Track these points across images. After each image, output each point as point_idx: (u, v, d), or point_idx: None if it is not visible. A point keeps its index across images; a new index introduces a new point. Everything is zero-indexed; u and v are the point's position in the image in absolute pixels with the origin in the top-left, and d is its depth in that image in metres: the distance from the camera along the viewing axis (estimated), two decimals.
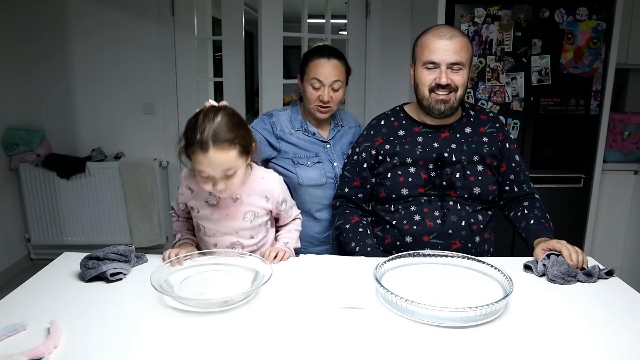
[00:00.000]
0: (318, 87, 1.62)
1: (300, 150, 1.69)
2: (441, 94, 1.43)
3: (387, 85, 3.20)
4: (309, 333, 0.98)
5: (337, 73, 1.62)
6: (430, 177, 1.48)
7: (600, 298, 1.15)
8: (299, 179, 1.68)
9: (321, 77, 1.61)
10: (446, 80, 1.41)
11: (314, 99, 1.63)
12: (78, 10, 3.06)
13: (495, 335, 0.97)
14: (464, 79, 1.44)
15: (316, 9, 3.15)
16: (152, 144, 3.23)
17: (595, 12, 2.56)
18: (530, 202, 1.55)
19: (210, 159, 1.17)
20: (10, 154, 3.06)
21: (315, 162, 1.70)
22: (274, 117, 1.71)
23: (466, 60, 1.43)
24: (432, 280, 1.22)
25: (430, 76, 1.44)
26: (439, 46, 1.41)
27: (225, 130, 1.18)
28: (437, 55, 1.41)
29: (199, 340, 0.95)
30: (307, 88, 1.64)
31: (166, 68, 3.13)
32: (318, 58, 1.63)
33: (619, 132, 2.85)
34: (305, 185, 1.68)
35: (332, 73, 1.61)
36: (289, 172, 1.68)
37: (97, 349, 0.92)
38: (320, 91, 1.62)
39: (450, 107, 1.45)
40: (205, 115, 1.21)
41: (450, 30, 1.43)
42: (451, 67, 1.42)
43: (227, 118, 1.21)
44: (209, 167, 1.19)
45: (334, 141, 1.74)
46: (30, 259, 3.30)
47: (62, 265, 1.31)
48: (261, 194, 1.38)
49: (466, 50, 1.43)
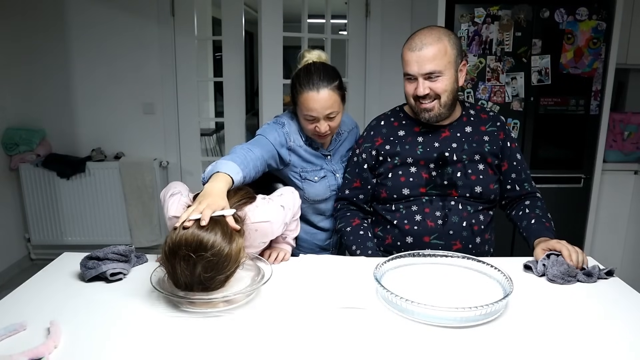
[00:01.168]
0: (312, 120, 1.50)
1: (307, 164, 1.62)
2: (424, 103, 1.44)
3: (387, 85, 3.20)
4: (309, 333, 0.98)
5: (330, 104, 1.47)
6: (431, 177, 1.48)
7: (600, 298, 1.15)
8: (305, 194, 1.61)
9: (314, 112, 1.48)
10: (423, 91, 1.40)
11: (310, 129, 1.54)
12: (78, 11, 3.06)
13: (495, 335, 0.97)
14: (445, 85, 1.41)
15: (316, 9, 3.15)
16: (152, 144, 3.23)
17: (595, 12, 2.57)
18: (532, 201, 1.55)
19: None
20: (10, 154, 3.06)
21: (321, 177, 1.63)
22: (286, 127, 1.58)
23: (444, 66, 1.39)
24: (432, 280, 1.22)
25: (410, 87, 1.45)
26: (411, 58, 1.40)
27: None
28: (411, 67, 1.41)
29: (199, 340, 0.95)
30: (301, 119, 1.55)
31: (166, 68, 3.13)
32: (308, 91, 1.47)
33: (619, 132, 2.85)
34: (311, 200, 1.63)
35: (324, 106, 1.47)
36: (297, 190, 1.58)
37: (97, 349, 0.92)
38: (315, 123, 1.50)
39: (436, 114, 1.45)
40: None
41: (422, 39, 1.39)
42: (428, 77, 1.40)
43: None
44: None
45: (333, 151, 1.68)
46: (30, 259, 3.30)
47: (62, 265, 1.31)
48: (259, 242, 1.29)
49: (442, 55, 1.38)
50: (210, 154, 4.51)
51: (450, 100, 1.45)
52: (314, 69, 1.49)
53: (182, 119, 3.20)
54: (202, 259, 0.99)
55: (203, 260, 0.99)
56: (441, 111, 1.45)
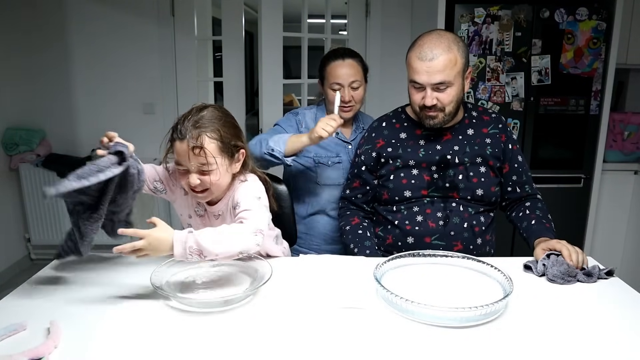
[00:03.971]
0: (338, 89, 1.65)
1: (322, 149, 1.71)
2: (429, 112, 1.43)
3: (387, 85, 3.20)
4: (309, 333, 0.98)
5: (354, 72, 1.67)
6: (433, 179, 1.48)
7: (600, 298, 1.15)
8: (318, 178, 1.71)
9: (339, 79, 1.65)
10: (431, 102, 1.40)
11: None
12: (78, 11, 3.06)
13: (495, 335, 0.97)
14: (452, 96, 1.41)
15: (316, 9, 3.15)
16: (152, 144, 3.20)
17: (595, 12, 2.56)
18: (532, 202, 1.55)
19: (185, 148, 1.16)
20: (10, 154, 3.06)
21: (335, 162, 1.72)
22: (300, 115, 1.75)
23: (453, 77, 1.38)
24: (432, 280, 1.22)
25: (417, 95, 1.43)
26: (421, 68, 1.37)
27: (209, 121, 1.20)
28: (420, 77, 1.39)
29: (199, 340, 0.95)
30: (328, 92, 1.69)
31: (166, 68, 3.13)
32: (334, 60, 1.68)
33: (619, 132, 2.85)
34: (323, 184, 1.70)
35: (348, 73, 1.66)
36: (309, 171, 1.70)
37: (97, 349, 0.92)
38: (340, 92, 1.65)
39: (440, 122, 1.45)
40: (193, 108, 1.23)
41: (432, 49, 1.36)
42: (436, 88, 1.39)
43: (216, 112, 1.22)
44: (183, 157, 1.18)
45: (355, 142, 1.75)
46: (30, 259, 3.30)
47: (62, 265, 1.31)
48: (231, 205, 1.29)
49: (452, 66, 1.37)
50: None
51: (455, 109, 1.45)
52: (339, 47, 1.78)
53: None
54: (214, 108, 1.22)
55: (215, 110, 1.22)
56: (445, 119, 1.45)
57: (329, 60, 1.70)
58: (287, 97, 5.51)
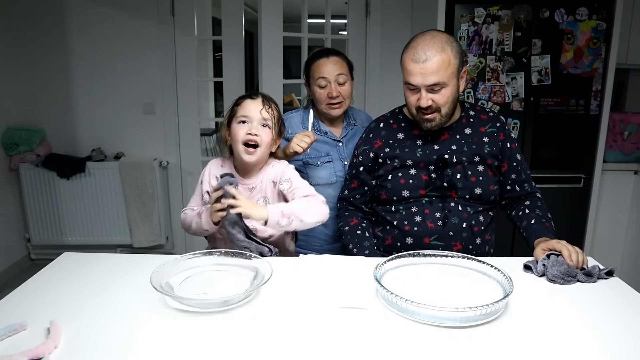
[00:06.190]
0: (324, 85, 1.67)
1: (311, 150, 1.70)
2: (425, 114, 1.43)
3: (387, 85, 3.20)
4: (309, 333, 0.98)
5: (339, 67, 1.69)
6: (431, 179, 1.48)
7: (600, 298, 1.15)
8: (309, 178, 1.71)
9: (324, 74, 1.67)
10: (426, 103, 1.39)
11: (323, 97, 1.68)
12: (78, 10, 3.06)
13: (495, 335, 0.97)
14: (447, 97, 1.40)
15: (316, 9, 3.15)
16: (152, 144, 3.23)
17: (595, 12, 2.57)
18: (532, 201, 1.54)
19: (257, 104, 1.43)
20: (10, 154, 3.06)
21: (325, 162, 1.73)
22: (287, 120, 1.76)
23: (447, 77, 1.37)
24: (432, 280, 1.22)
25: (412, 97, 1.43)
26: (414, 70, 1.37)
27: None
28: (414, 78, 1.38)
29: (199, 340, 0.95)
30: (315, 90, 1.70)
31: (166, 68, 3.13)
32: (318, 59, 1.71)
33: (619, 132, 2.85)
34: (315, 184, 1.69)
35: (333, 68, 1.68)
36: (300, 173, 1.69)
37: (97, 349, 0.92)
38: (327, 88, 1.67)
39: (437, 124, 1.45)
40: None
41: (426, 51, 1.35)
42: (431, 89, 1.39)
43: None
44: (253, 111, 1.43)
45: (346, 139, 1.76)
46: (30, 259, 3.30)
47: (62, 265, 1.31)
48: (271, 180, 1.47)
49: (446, 67, 1.36)
50: (210, 154, 4.50)
51: (451, 109, 1.45)
52: (323, 48, 1.83)
53: (182, 119, 3.20)
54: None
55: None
56: (442, 120, 1.45)
57: (313, 59, 1.72)
58: (287, 97, 5.51)
